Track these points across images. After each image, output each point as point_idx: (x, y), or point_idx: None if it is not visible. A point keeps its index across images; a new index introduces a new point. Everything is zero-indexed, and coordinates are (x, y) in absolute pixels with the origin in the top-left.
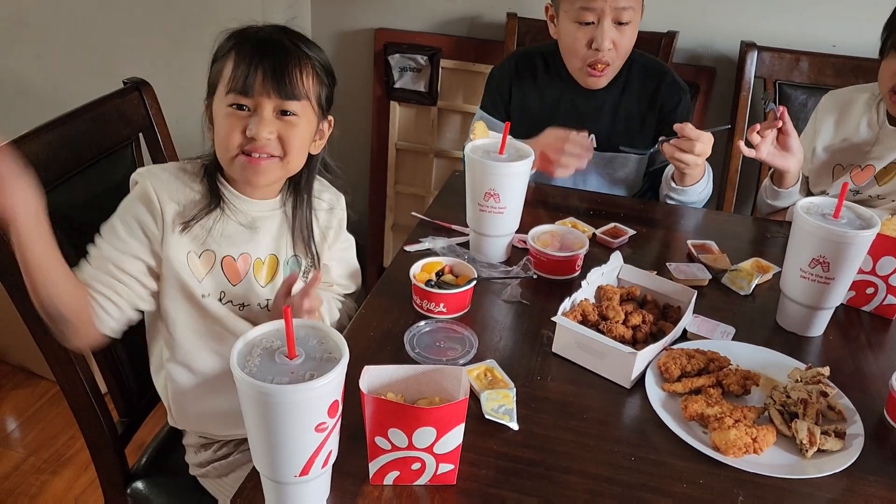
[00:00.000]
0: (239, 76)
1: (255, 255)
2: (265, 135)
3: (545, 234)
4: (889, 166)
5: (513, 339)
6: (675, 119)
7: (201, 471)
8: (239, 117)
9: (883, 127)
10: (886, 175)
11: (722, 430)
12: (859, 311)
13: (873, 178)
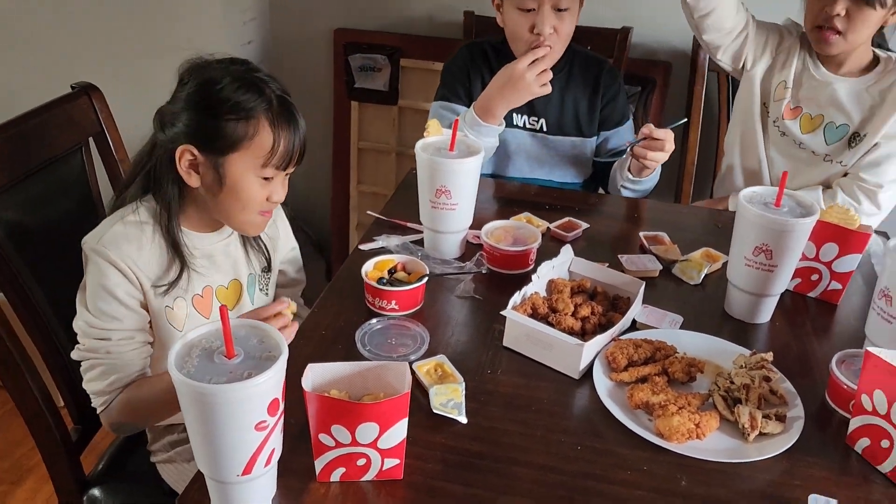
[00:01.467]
0: (282, 154)
1: (217, 283)
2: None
3: (498, 229)
4: (816, 117)
5: (465, 334)
6: (617, 104)
7: (164, 456)
8: (265, 185)
9: (813, 65)
10: (810, 125)
11: (666, 417)
12: (805, 298)
13: (798, 121)
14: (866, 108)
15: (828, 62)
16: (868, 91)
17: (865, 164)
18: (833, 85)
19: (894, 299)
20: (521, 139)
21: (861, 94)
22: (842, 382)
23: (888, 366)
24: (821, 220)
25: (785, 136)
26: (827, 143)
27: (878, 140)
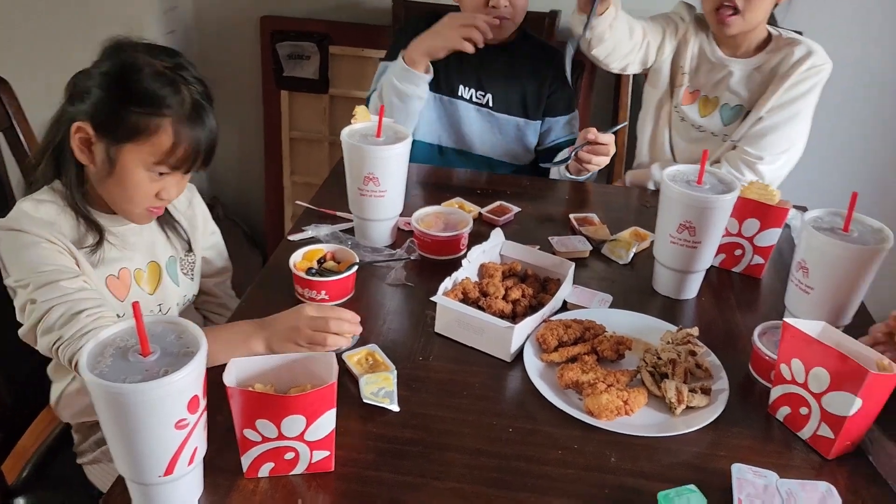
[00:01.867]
0: (180, 157)
1: (135, 266)
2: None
3: (429, 215)
4: (712, 100)
5: (397, 321)
6: (564, 93)
7: (90, 457)
8: (156, 180)
9: (709, 48)
10: (707, 107)
11: (595, 395)
12: (730, 273)
13: (696, 105)
14: (757, 87)
15: (725, 44)
16: (759, 70)
17: (749, 137)
18: (729, 67)
19: (810, 271)
20: (469, 113)
21: (753, 74)
22: (763, 353)
23: (804, 335)
24: (741, 196)
25: (684, 121)
26: (724, 123)
27: (762, 114)
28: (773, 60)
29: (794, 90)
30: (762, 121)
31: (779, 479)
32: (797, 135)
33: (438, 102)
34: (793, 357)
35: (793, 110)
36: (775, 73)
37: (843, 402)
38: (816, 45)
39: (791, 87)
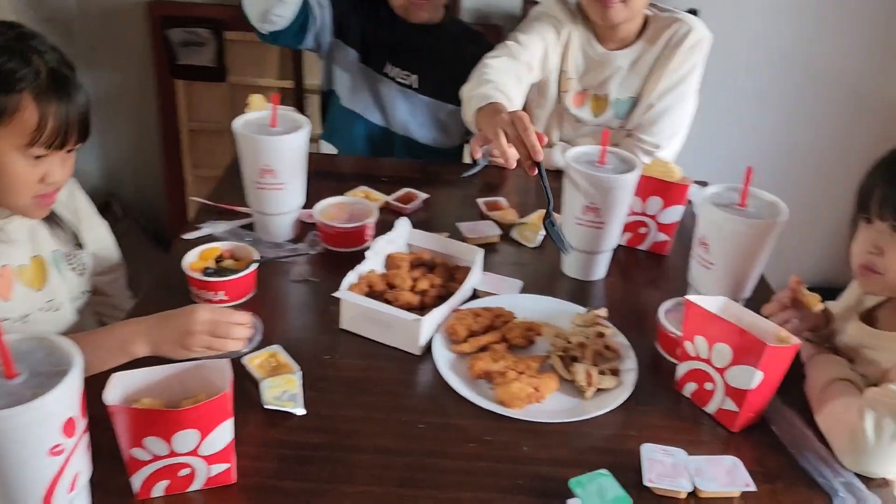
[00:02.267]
0: (50, 134)
1: (17, 262)
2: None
3: (332, 206)
4: (602, 98)
5: (301, 319)
6: None
7: None
8: (35, 164)
9: (591, 45)
10: (599, 106)
11: (505, 384)
12: (636, 251)
13: (587, 107)
14: (643, 75)
15: (605, 38)
16: (643, 58)
17: (643, 125)
18: (613, 62)
19: (711, 246)
20: (392, 92)
21: (637, 64)
22: (668, 331)
23: (706, 312)
24: (643, 174)
25: (580, 123)
26: (620, 118)
27: (652, 101)
28: (655, 45)
29: (679, 71)
30: (653, 107)
31: (687, 456)
32: (687, 114)
33: (365, 76)
34: (696, 334)
35: (680, 91)
36: (658, 57)
37: (745, 375)
38: (693, 18)
39: (675, 69)
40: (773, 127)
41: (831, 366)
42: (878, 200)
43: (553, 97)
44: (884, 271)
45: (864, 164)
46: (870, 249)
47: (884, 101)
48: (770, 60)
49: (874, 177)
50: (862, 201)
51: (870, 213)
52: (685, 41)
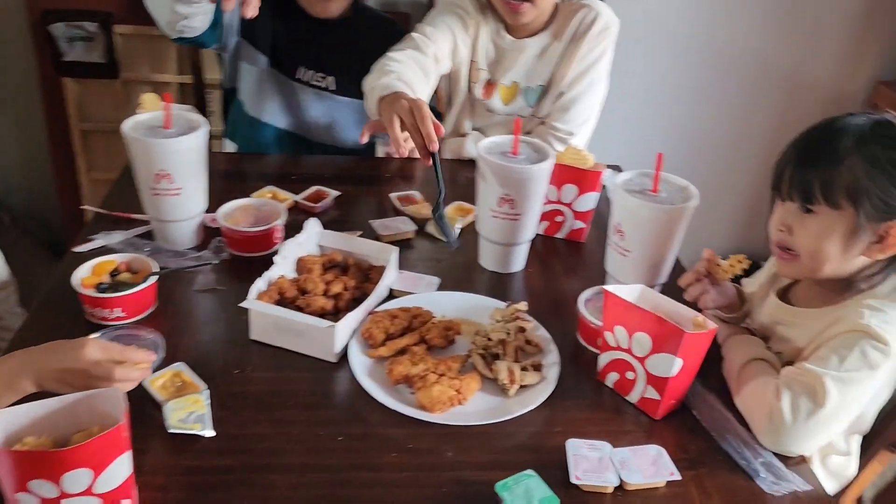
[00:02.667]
0: None
1: None
2: None
3: (237, 209)
4: (511, 86)
5: (208, 332)
6: None
7: None
8: None
9: (500, 34)
10: (509, 94)
11: (426, 388)
12: (554, 240)
13: (497, 96)
14: (552, 62)
15: (513, 27)
16: (551, 46)
17: (555, 112)
18: (522, 51)
19: (626, 234)
20: (307, 97)
21: (546, 51)
22: (589, 321)
23: (624, 302)
24: (557, 162)
25: (491, 112)
26: (530, 105)
27: (562, 89)
28: (564, 33)
29: (589, 58)
30: (564, 95)
31: (612, 449)
32: (598, 99)
33: (275, 81)
34: (616, 324)
35: (591, 78)
36: (567, 44)
37: (665, 363)
38: (600, 4)
39: (584, 55)
40: (680, 108)
41: (747, 346)
42: (787, 180)
43: (464, 88)
44: (795, 249)
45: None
46: (780, 228)
47: (787, 77)
48: (675, 42)
49: (786, 157)
50: (775, 180)
51: (781, 193)
52: (593, 27)
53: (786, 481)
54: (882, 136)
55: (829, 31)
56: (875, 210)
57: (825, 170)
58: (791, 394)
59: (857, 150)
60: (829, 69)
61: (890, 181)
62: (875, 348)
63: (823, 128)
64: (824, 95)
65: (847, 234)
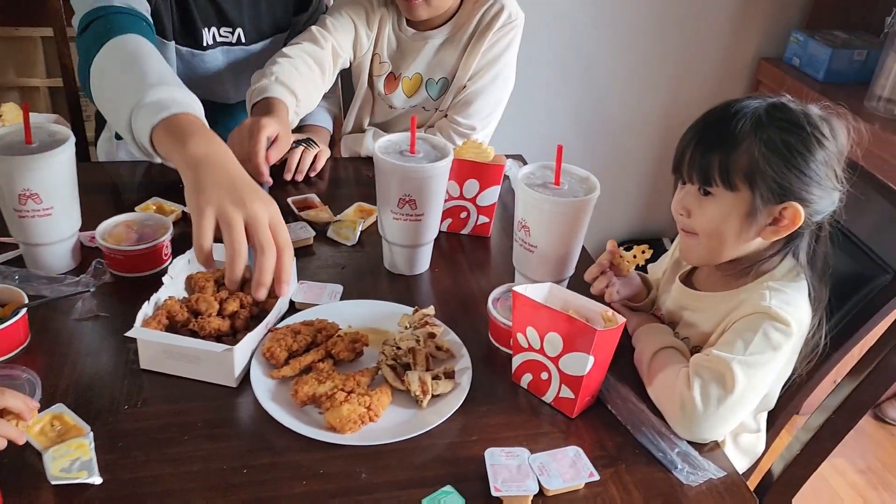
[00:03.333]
0: None
1: None
2: None
3: (118, 226)
4: (414, 77)
5: (91, 366)
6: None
7: None
8: None
9: (402, 27)
10: (411, 86)
11: (334, 407)
12: (459, 236)
13: (400, 89)
14: (456, 55)
15: (416, 22)
16: (455, 38)
17: (457, 106)
18: (425, 43)
19: (531, 229)
20: (216, 59)
21: (450, 43)
22: (500, 322)
23: (533, 303)
24: (457, 158)
25: (393, 108)
26: (433, 98)
27: (465, 82)
28: (468, 25)
29: (492, 52)
30: (466, 89)
31: (530, 455)
32: (502, 93)
33: (179, 57)
34: (526, 325)
35: (494, 72)
36: (471, 37)
37: (578, 362)
38: None
39: (488, 49)
40: (574, 94)
41: (655, 335)
42: (688, 163)
43: (365, 82)
44: (695, 231)
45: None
46: (680, 211)
47: (676, 59)
48: (567, 30)
49: (686, 139)
50: (676, 163)
51: (682, 175)
52: (498, 19)
53: (702, 470)
54: (777, 118)
55: (712, 11)
56: (770, 192)
57: (723, 152)
58: (701, 381)
59: (753, 133)
60: (715, 49)
61: (785, 164)
62: (777, 329)
63: (721, 111)
64: (712, 75)
65: (744, 216)
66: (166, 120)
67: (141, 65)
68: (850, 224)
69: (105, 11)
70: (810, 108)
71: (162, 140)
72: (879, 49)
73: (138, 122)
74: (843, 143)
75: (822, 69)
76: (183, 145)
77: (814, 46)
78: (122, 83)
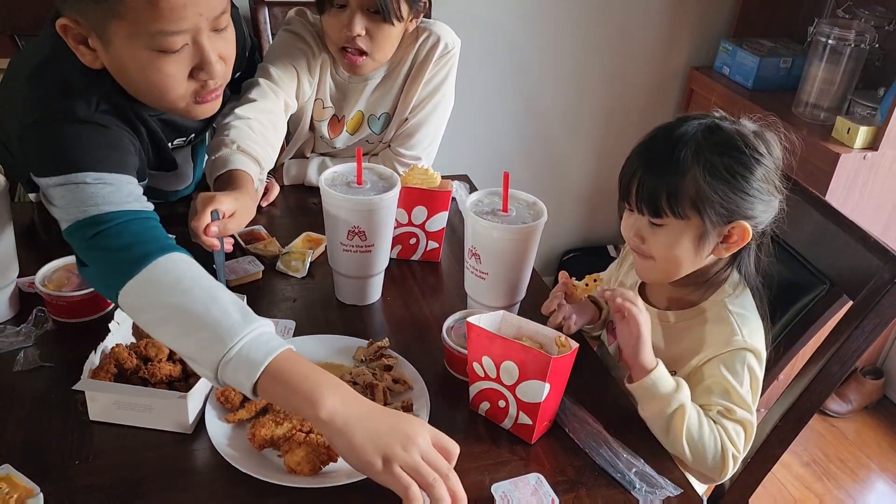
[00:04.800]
0: None
1: None
2: None
3: (59, 270)
4: (356, 115)
5: (37, 420)
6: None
7: None
8: None
9: (340, 72)
10: (355, 124)
11: (293, 450)
12: (409, 262)
13: (344, 131)
14: (396, 90)
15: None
16: (394, 74)
17: (399, 138)
18: (364, 83)
19: (482, 256)
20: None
21: (389, 79)
22: (455, 350)
23: (488, 333)
24: (404, 185)
25: (337, 149)
26: (377, 133)
27: (406, 115)
28: (404, 61)
29: (432, 83)
30: (408, 121)
31: (492, 484)
32: (443, 120)
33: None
34: (482, 355)
35: (435, 101)
36: (410, 70)
37: (534, 389)
38: (440, 26)
39: (428, 81)
40: (513, 114)
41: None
42: (635, 194)
43: (307, 125)
44: (650, 255)
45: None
46: (634, 237)
47: (609, 72)
48: (502, 51)
49: (630, 169)
50: (623, 192)
51: (630, 205)
52: (435, 51)
53: (660, 488)
54: (714, 143)
55: (644, 22)
56: (718, 216)
57: (669, 184)
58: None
59: (696, 162)
60: (646, 60)
61: (728, 187)
62: (756, 359)
63: (661, 138)
64: (645, 85)
65: (696, 240)
66: (266, 372)
67: (203, 309)
68: (787, 236)
69: (113, 220)
70: (744, 125)
71: (273, 393)
72: (803, 57)
73: (229, 377)
74: (779, 155)
75: (750, 77)
76: (314, 408)
77: (742, 55)
78: (191, 338)
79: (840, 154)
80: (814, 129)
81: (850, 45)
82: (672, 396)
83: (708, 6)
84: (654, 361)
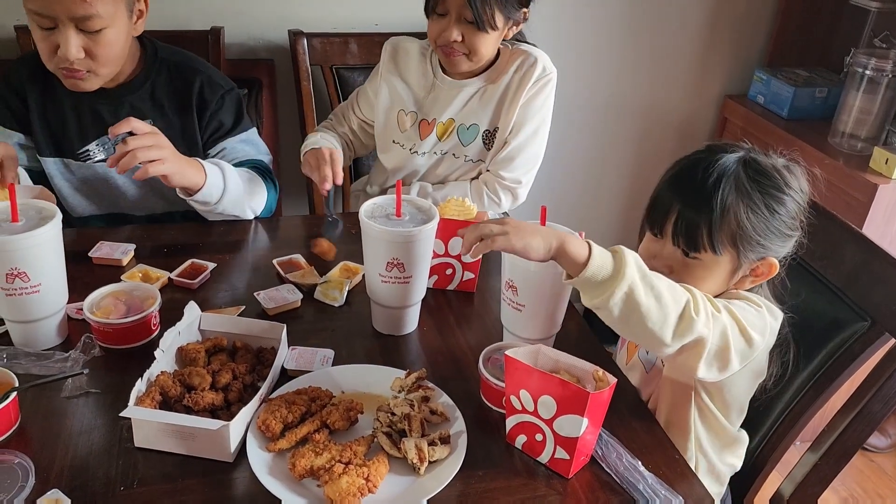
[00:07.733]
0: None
1: None
2: None
3: (106, 297)
4: (447, 122)
5: (85, 445)
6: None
7: None
8: None
9: (437, 76)
10: (444, 130)
11: (333, 481)
12: (445, 292)
13: (434, 134)
14: (491, 105)
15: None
16: (491, 88)
17: (500, 161)
18: (459, 90)
19: (519, 289)
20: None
21: (483, 93)
22: (492, 383)
23: (526, 367)
24: (442, 217)
25: (427, 154)
26: (463, 144)
27: (506, 137)
28: (501, 77)
29: (532, 106)
30: (508, 144)
31: None
32: (541, 147)
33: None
34: (520, 388)
35: (533, 126)
36: (507, 89)
37: (572, 424)
38: (540, 52)
39: (527, 102)
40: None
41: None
42: (672, 226)
43: (392, 133)
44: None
45: (631, 168)
46: (661, 267)
47: (642, 104)
48: None
49: (663, 198)
50: (654, 219)
51: (663, 234)
52: (532, 73)
53: None
54: (754, 179)
55: (679, 50)
56: (753, 252)
57: (710, 220)
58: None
59: (738, 199)
60: (682, 87)
61: (766, 224)
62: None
63: (698, 170)
64: (678, 117)
65: (728, 274)
66: None
67: None
68: (825, 270)
69: None
70: (775, 160)
71: None
72: (839, 86)
73: None
74: (807, 190)
75: (785, 106)
76: None
77: (776, 85)
78: None
79: (878, 185)
80: (850, 160)
81: (887, 75)
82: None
83: (742, 35)
84: (582, 252)
